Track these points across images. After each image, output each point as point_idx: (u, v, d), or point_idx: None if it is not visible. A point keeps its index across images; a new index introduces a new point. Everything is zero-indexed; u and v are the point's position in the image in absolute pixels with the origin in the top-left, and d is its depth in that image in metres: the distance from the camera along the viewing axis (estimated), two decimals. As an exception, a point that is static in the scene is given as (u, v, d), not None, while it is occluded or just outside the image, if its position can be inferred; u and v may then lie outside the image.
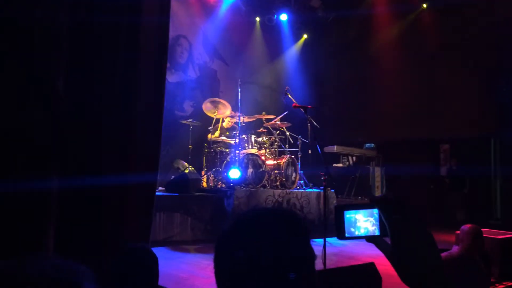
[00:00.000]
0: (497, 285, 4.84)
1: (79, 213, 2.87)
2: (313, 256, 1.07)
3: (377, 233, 1.00)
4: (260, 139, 8.61)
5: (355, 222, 1.00)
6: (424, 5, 11.28)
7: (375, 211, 1.00)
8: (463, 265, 3.63)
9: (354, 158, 10.79)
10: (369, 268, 3.75)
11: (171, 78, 10.52)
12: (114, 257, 1.99)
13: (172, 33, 10.45)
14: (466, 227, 3.77)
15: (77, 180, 2.80)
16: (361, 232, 1.00)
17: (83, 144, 2.95)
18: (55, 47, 2.82)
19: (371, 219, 0.99)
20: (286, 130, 8.90)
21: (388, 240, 0.97)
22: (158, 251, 6.09)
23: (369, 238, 1.01)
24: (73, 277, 0.72)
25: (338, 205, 1.04)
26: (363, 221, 1.00)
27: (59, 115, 2.79)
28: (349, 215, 1.01)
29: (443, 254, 3.77)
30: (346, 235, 1.01)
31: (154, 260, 2.06)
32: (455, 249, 3.79)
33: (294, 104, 5.95)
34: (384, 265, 0.97)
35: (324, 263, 4.50)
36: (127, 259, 1.99)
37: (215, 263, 1.03)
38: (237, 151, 8.12)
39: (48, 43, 2.78)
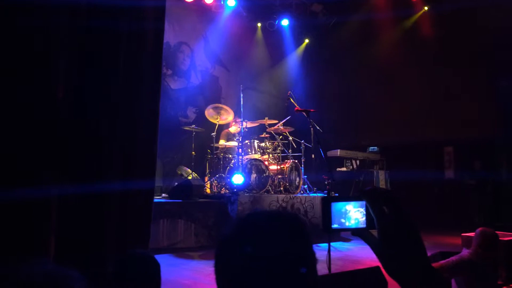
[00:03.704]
0: (504, 287, 4.79)
1: (79, 219, 2.86)
2: (314, 259, 1.05)
3: (363, 225, 0.98)
4: (263, 144, 8.60)
5: (346, 212, 0.98)
6: (426, 8, 11.28)
7: (364, 203, 0.98)
8: (474, 268, 3.59)
9: (357, 162, 10.74)
10: (375, 272, 3.71)
11: (174, 85, 10.56)
12: (115, 263, 1.98)
13: (174, 40, 10.52)
14: (480, 230, 3.73)
15: (77, 186, 2.79)
16: (352, 223, 0.98)
17: (83, 150, 2.95)
18: (55, 52, 2.83)
19: (362, 209, 0.97)
20: (289, 135, 8.88)
21: (375, 233, 0.95)
22: (162, 258, 6.05)
23: (355, 231, 0.98)
24: (63, 283, 0.71)
25: (324, 197, 1.01)
26: (354, 212, 0.98)
27: (59, 121, 2.79)
28: (338, 206, 0.98)
29: (454, 258, 3.72)
30: (335, 226, 0.98)
31: (156, 267, 2.04)
32: (465, 252, 3.75)
33: (296, 108, 5.92)
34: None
35: (329, 268, 4.47)
36: (128, 266, 1.97)
37: (216, 267, 1.01)
38: (240, 157, 8.10)
39: (47, 48, 2.79)
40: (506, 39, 9.33)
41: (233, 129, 9.19)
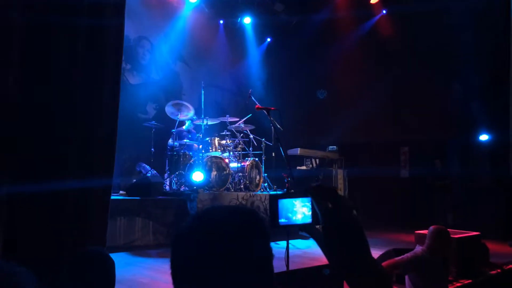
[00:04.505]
0: (454, 283, 4.98)
1: (30, 217, 2.75)
2: (271, 255, 1.05)
3: (309, 220, 1.00)
4: (223, 142, 8.57)
5: (292, 207, 0.99)
6: (384, 11, 11.58)
7: (310, 199, 0.99)
8: (427, 265, 3.71)
9: (317, 160, 10.89)
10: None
11: (133, 80, 10.33)
12: (67, 261, 1.91)
13: (134, 34, 10.29)
14: (433, 228, 3.86)
15: (28, 183, 2.67)
16: (299, 217, 0.99)
17: (35, 146, 2.83)
18: (6, 48, 2.69)
19: (309, 204, 0.99)
20: (249, 133, 8.89)
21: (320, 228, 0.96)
22: (119, 256, 5.91)
23: (302, 227, 1.00)
24: (11, 279, 0.67)
25: (272, 195, 1.02)
26: (301, 207, 0.99)
27: (11, 117, 2.67)
28: (286, 202, 1.00)
29: (408, 254, 3.83)
30: (283, 221, 1.00)
31: (110, 264, 1.98)
32: (418, 249, 3.87)
33: (257, 106, 5.92)
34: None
35: (287, 265, 4.50)
36: (81, 263, 1.91)
37: (172, 261, 1.00)
38: (201, 154, 8.05)
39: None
40: (463, 44, 9.71)
41: (186, 126, 9.09)
